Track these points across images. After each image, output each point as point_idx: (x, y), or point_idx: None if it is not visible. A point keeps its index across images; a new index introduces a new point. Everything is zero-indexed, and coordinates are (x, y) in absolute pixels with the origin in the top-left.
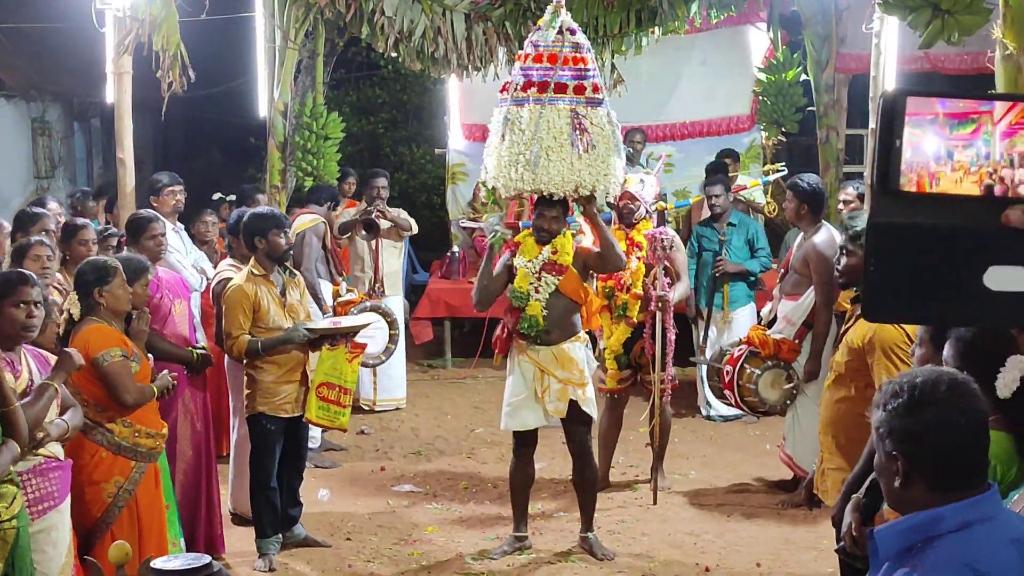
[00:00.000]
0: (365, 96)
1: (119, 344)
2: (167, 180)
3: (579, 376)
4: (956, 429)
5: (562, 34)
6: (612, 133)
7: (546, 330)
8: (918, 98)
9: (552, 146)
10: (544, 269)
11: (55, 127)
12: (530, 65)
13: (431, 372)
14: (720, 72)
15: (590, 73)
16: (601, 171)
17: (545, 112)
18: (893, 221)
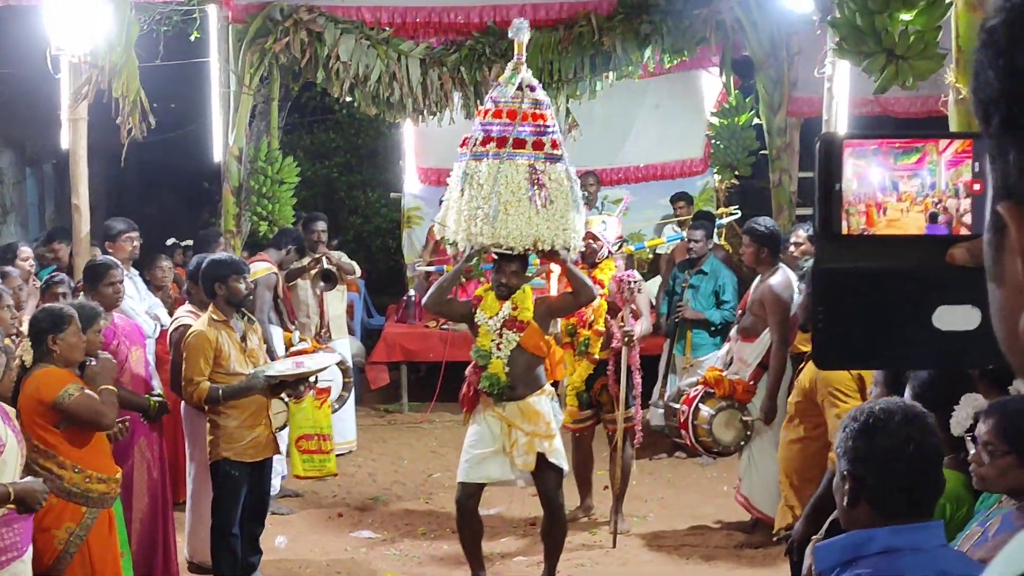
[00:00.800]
0: (319, 140)
1: (70, 379)
2: (123, 226)
3: (546, 428)
4: (904, 458)
5: (522, 90)
6: (571, 189)
7: (510, 386)
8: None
9: (510, 201)
10: (505, 326)
11: (6, 172)
12: (490, 121)
13: (388, 416)
14: (673, 116)
15: (549, 129)
16: (560, 226)
17: (503, 167)
18: (837, 267)
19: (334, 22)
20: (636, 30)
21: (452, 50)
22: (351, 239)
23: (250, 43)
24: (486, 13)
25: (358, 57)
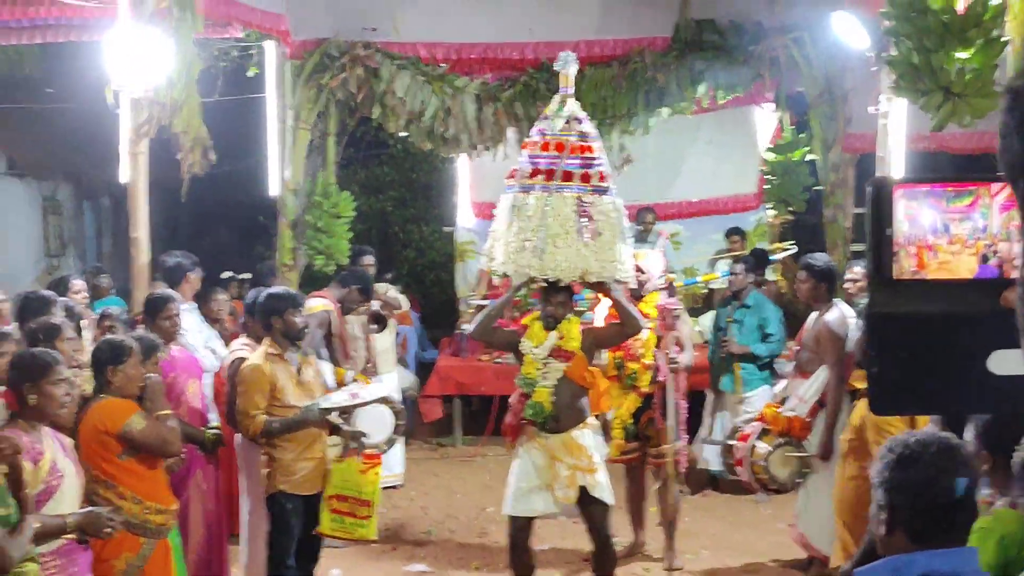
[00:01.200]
0: (375, 175)
1: (134, 409)
2: (187, 264)
3: (588, 462)
4: (938, 488)
5: (569, 123)
6: (618, 221)
7: (554, 416)
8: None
9: (559, 233)
10: (551, 355)
11: (65, 205)
12: (537, 153)
13: (440, 450)
14: (727, 151)
15: (596, 162)
16: (607, 258)
17: (552, 199)
18: (890, 311)
19: (390, 58)
20: (690, 67)
21: (507, 86)
22: (405, 273)
23: (307, 79)
24: (540, 49)
25: (414, 93)
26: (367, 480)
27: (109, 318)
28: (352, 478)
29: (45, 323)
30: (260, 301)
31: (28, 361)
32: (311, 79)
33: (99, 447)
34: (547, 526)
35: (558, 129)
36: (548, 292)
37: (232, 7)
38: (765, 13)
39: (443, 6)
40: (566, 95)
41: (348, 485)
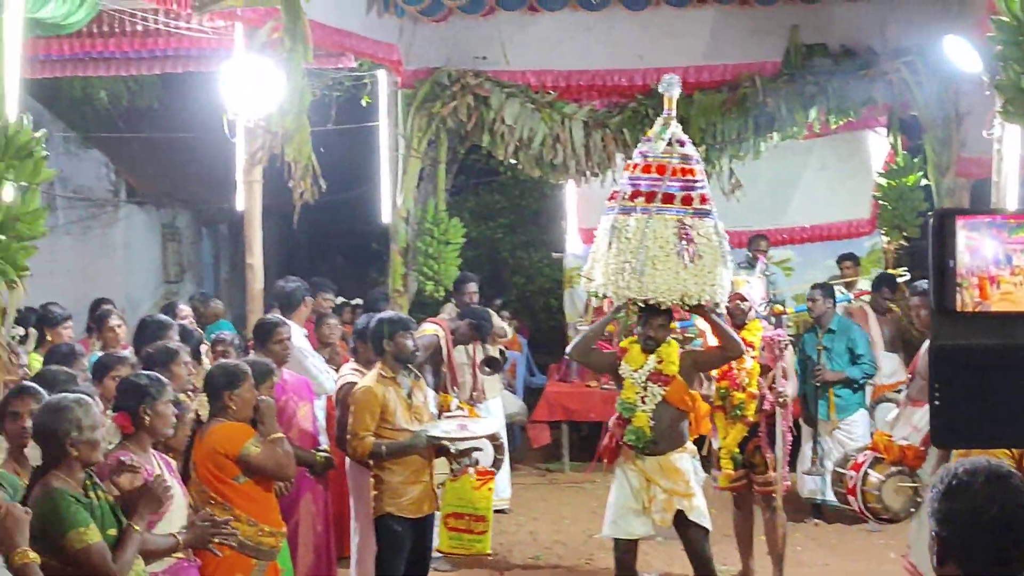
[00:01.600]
0: (484, 202)
1: (251, 434)
2: (302, 289)
3: (684, 487)
4: (987, 517)
5: (671, 145)
6: (719, 244)
7: (653, 440)
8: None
9: (658, 255)
10: (650, 379)
11: (184, 233)
12: (638, 175)
13: (549, 476)
14: (839, 176)
15: (698, 184)
16: (707, 281)
17: (652, 222)
18: (953, 344)
19: (500, 86)
20: (801, 91)
21: (615, 112)
22: (514, 299)
23: (419, 107)
24: (649, 75)
25: (523, 120)
26: (481, 496)
27: (222, 343)
28: (467, 495)
29: (161, 347)
30: (372, 325)
31: (134, 384)
32: (422, 107)
33: (216, 469)
34: (654, 552)
35: (660, 151)
36: (647, 315)
37: (345, 37)
38: (877, 37)
39: (553, 34)
40: (669, 117)
41: (463, 503)
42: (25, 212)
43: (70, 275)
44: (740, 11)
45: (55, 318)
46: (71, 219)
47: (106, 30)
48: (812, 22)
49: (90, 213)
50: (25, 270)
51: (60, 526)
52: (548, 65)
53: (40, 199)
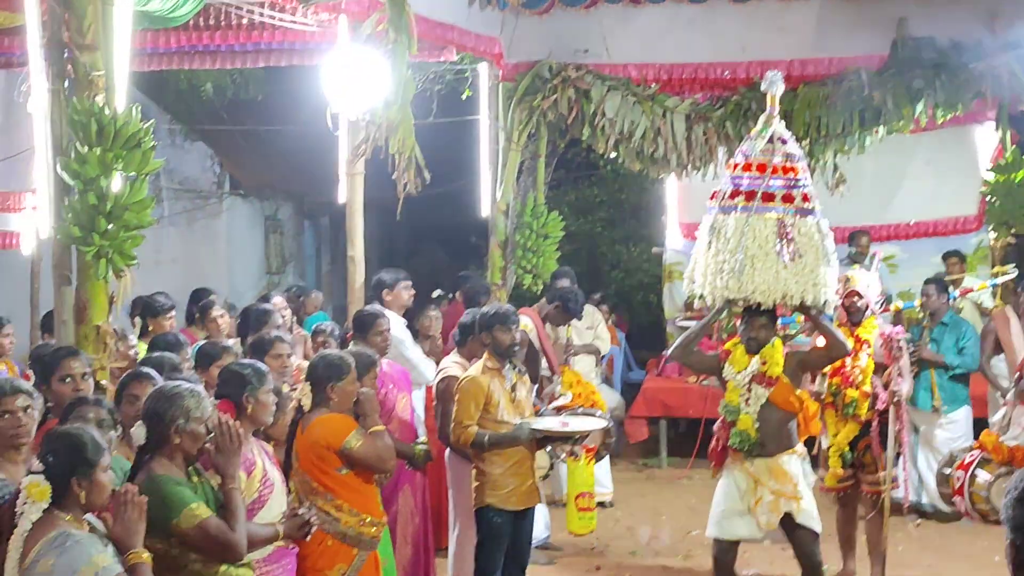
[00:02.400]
0: (583, 195)
1: (353, 426)
2: (401, 275)
3: (792, 489)
4: None
5: (772, 143)
6: (821, 243)
7: (759, 443)
8: None
9: (757, 255)
10: (754, 381)
11: (286, 225)
12: (739, 174)
13: (646, 471)
14: (946, 172)
15: (800, 182)
16: (809, 280)
17: (751, 220)
18: None
19: (601, 79)
20: (908, 85)
21: (718, 105)
22: (612, 293)
23: (519, 101)
24: (752, 69)
25: (624, 113)
26: (591, 472)
27: (322, 334)
28: (586, 472)
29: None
30: (476, 319)
31: (237, 373)
32: (523, 101)
33: (319, 460)
34: (754, 551)
35: (759, 150)
36: (749, 316)
37: (447, 30)
38: (986, 30)
39: (655, 27)
40: (771, 115)
41: (588, 481)
42: (133, 202)
43: (175, 265)
44: (846, 4)
45: (159, 308)
46: (176, 210)
47: (212, 23)
48: (919, 14)
49: (195, 204)
50: (133, 259)
51: (169, 511)
52: (650, 58)
53: (147, 189)
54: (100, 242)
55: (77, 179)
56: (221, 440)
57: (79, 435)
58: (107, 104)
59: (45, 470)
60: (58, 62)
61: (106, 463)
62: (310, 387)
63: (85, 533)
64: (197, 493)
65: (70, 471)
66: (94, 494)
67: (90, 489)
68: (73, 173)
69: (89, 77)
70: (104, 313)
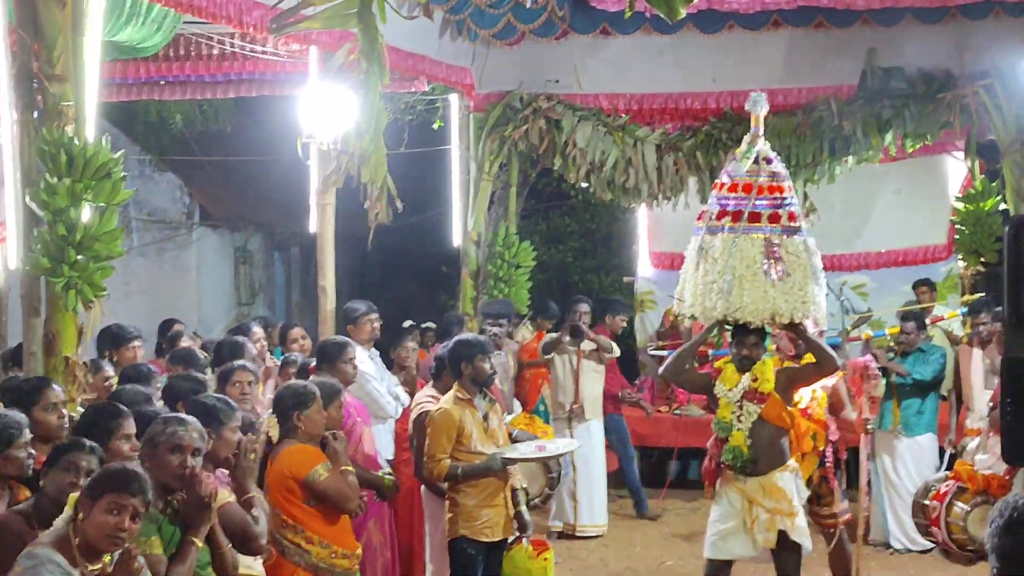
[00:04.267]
0: (555, 225)
1: (322, 459)
2: (364, 308)
3: (788, 506)
4: None
5: (758, 163)
6: (809, 261)
7: (752, 459)
8: None
9: (745, 275)
10: (745, 398)
11: (256, 255)
12: (725, 195)
13: (619, 502)
14: (916, 201)
15: (787, 201)
16: (798, 299)
17: (738, 241)
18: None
19: (572, 109)
20: (877, 114)
21: (688, 136)
22: None
23: (490, 131)
24: (723, 99)
25: (595, 143)
26: (537, 567)
27: (292, 364)
28: (523, 565)
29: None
30: (451, 347)
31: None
32: (494, 131)
33: (287, 492)
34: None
35: (744, 171)
36: (739, 334)
37: (419, 61)
38: (954, 60)
39: (625, 57)
40: (755, 135)
41: (519, 572)
42: (103, 232)
43: (144, 296)
44: (815, 34)
45: (122, 337)
46: (146, 241)
47: (182, 53)
48: (888, 45)
49: (164, 235)
50: (102, 290)
51: None
52: (621, 88)
53: (117, 220)
54: (69, 273)
55: (46, 210)
56: (190, 493)
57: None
58: (77, 135)
59: None
60: (27, 93)
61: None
62: (276, 418)
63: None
64: (161, 529)
65: None
66: None
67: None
68: (42, 204)
69: (59, 108)
70: (73, 344)
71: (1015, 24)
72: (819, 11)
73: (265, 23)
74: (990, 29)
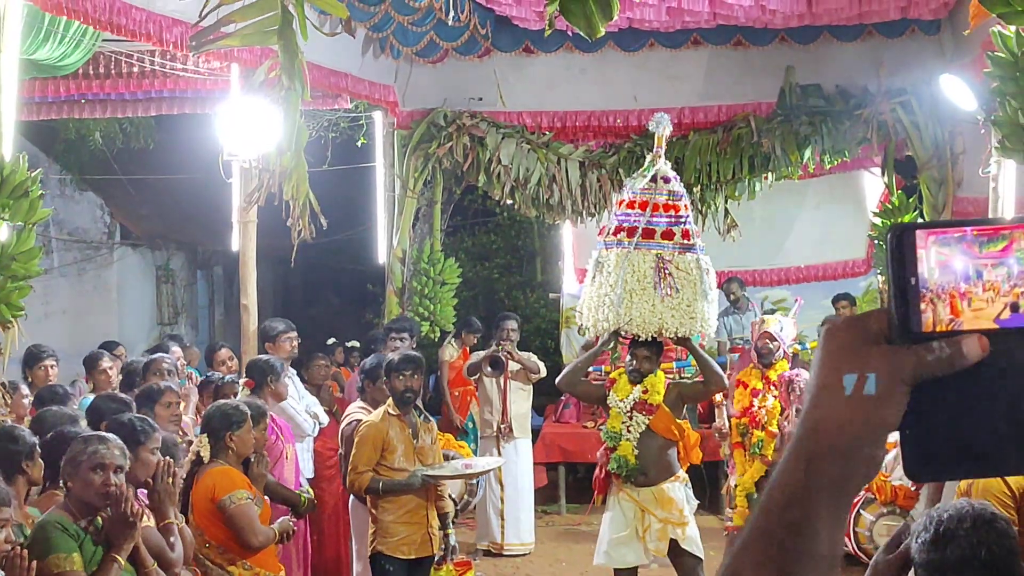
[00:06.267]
0: (481, 242)
1: (245, 487)
2: (283, 326)
3: (679, 516)
4: (977, 564)
5: (655, 182)
6: (700, 279)
7: (640, 470)
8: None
9: (635, 288)
10: (635, 408)
11: (178, 275)
12: (624, 211)
13: (545, 518)
14: (835, 216)
15: (683, 219)
16: (686, 315)
17: (631, 255)
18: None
19: (496, 127)
20: (796, 131)
21: (611, 152)
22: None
23: (414, 148)
24: (644, 116)
25: (519, 161)
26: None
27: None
28: None
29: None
30: (381, 364)
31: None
32: (418, 148)
33: (209, 513)
34: None
35: (639, 188)
36: (634, 346)
37: (341, 78)
38: (871, 77)
39: (548, 76)
40: (656, 155)
41: None
42: (20, 252)
43: (64, 317)
44: (734, 52)
45: (35, 356)
46: (66, 261)
47: (102, 72)
48: (806, 63)
49: (85, 255)
50: (20, 310)
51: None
52: (544, 106)
53: (35, 239)
54: None
55: None
56: (115, 510)
57: None
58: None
59: None
60: None
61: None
62: (207, 437)
63: None
64: (83, 546)
65: None
66: None
67: None
68: None
69: None
70: None
71: (930, 42)
72: (738, 30)
73: (185, 41)
74: (906, 47)
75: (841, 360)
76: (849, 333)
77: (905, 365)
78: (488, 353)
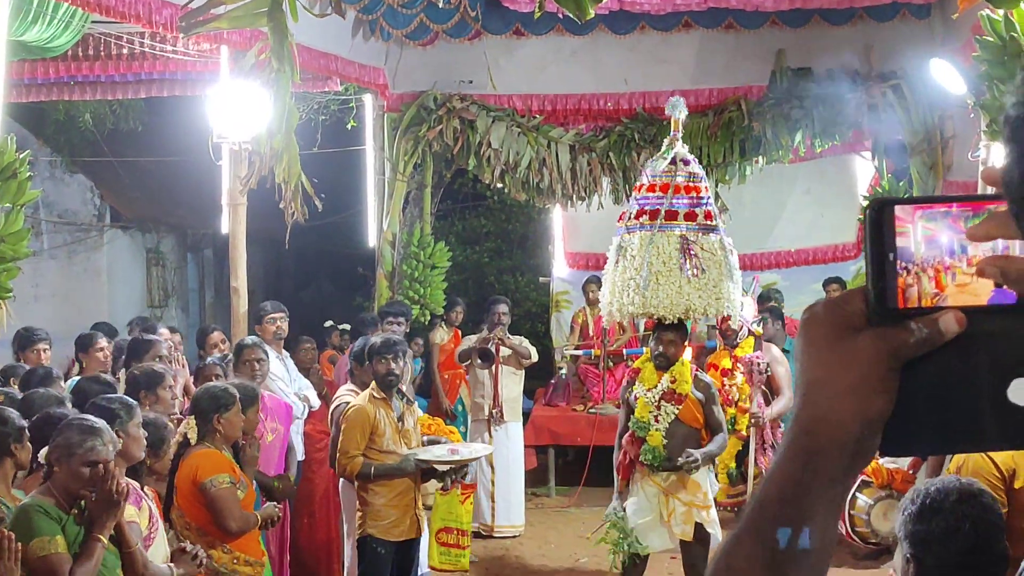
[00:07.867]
0: (471, 226)
1: (228, 470)
2: (269, 308)
3: (703, 499)
4: (961, 537)
5: (675, 164)
6: (724, 258)
7: (668, 458)
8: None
9: (661, 271)
10: (663, 398)
11: (169, 257)
12: (645, 195)
13: (535, 500)
14: (825, 200)
15: (704, 201)
16: (712, 295)
17: (655, 238)
18: None
19: (486, 110)
20: (786, 115)
21: (601, 136)
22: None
23: (404, 131)
24: (635, 100)
25: (509, 144)
26: (465, 510)
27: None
28: (455, 509)
29: (147, 370)
30: (366, 348)
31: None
32: (408, 131)
33: (191, 496)
34: None
35: (660, 170)
36: (659, 331)
37: (331, 60)
38: (862, 61)
39: (539, 58)
40: (674, 138)
41: (452, 516)
42: (9, 233)
43: (54, 299)
44: (725, 35)
45: (28, 339)
46: (56, 244)
47: (91, 53)
48: (798, 46)
49: (75, 237)
50: (8, 292)
51: (24, 536)
52: (534, 89)
53: (24, 221)
54: None
55: None
56: (100, 490)
57: None
58: None
59: None
60: None
61: None
62: (195, 420)
63: None
64: (65, 528)
65: None
66: None
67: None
68: None
69: None
70: None
71: (921, 26)
72: (729, 12)
73: (175, 22)
74: (897, 30)
75: (823, 351)
76: (828, 320)
77: (888, 350)
78: (478, 344)
